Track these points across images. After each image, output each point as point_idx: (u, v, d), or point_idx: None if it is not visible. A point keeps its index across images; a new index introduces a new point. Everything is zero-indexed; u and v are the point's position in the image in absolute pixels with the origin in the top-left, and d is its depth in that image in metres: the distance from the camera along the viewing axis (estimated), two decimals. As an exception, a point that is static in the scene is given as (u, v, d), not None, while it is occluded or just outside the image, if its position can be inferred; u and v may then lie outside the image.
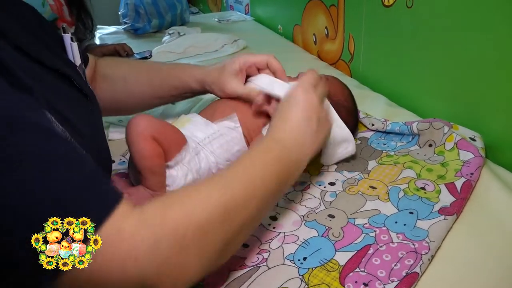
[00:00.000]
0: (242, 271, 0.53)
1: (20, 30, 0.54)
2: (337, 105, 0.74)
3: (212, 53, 1.47)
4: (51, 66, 0.53)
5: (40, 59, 0.52)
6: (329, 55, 1.33)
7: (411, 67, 0.93)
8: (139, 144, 0.59)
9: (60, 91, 0.53)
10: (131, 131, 0.60)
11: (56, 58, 0.57)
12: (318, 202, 0.65)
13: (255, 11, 2.02)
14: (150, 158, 0.60)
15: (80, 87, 0.57)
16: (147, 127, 0.60)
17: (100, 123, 0.61)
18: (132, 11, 1.81)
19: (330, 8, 1.26)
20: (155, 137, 0.59)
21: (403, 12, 0.91)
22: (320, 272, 0.52)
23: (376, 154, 0.76)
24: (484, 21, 0.71)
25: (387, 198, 0.64)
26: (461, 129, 0.75)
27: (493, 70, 0.71)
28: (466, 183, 0.64)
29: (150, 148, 0.59)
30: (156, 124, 0.61)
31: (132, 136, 0.59)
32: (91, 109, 0.58)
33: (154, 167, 0.60)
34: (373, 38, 1.07)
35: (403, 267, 0.51)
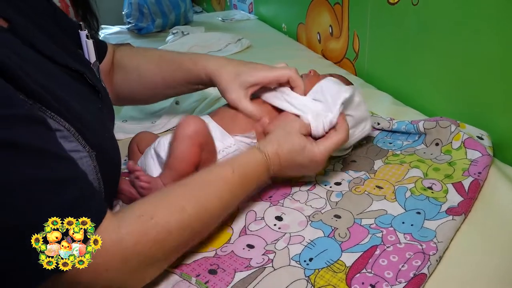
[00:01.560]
0: (247, 272, 0.52)
1: (32, 26, 0.55)
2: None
3: (216, 52, 1.46)
4: (63, 63, 0.54)
5: (53, 57, 0.53)
6: (334, 53, 1.32)
7: (416, 65, 0.92)
8: (186, 146, 0.59)
9: (70, 87, 0.53)
10: (183, 130, 0.60)
11: (68, 54, 0.58)
12: (324, 202, 0.64)
13: (259, 10, 2.01)
14: (189, 164, 0.60)
15: (93, 84, 0.57)
16: (199, 132, 0.60)
17: (109, 121, 0.61)
18: (136, 11, 1.81)
19: (334, 6, 1.25)
20: (202, 145, 0.60)
21: (408, 9, 0.90)
22: (327, 273, 0.51)
23: (382, 153, 0.75)
24: (490, 18, 0.70)
25: (393, 198, 0.63)
26: (468, 128, 0.74)
27: (500, 67, 0.70)
28: (474, 183, 0.63)
29: (194, 155, 0.60)
30: (207, 133, 0.62)
31: (182, 135, 0.59)
32: (100, 106, 0.58)
33: (187, 172, 0.60)
34: (378, 36, 1.06)
35: (410, 268, 0.50)
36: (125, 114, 0.99)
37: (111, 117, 0.64)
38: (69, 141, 0.46)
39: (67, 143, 0.46)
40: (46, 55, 0.52)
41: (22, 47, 0.49)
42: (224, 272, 0.52)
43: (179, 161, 0.59)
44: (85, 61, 0.63)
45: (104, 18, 1.67)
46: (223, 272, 0.52)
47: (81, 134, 0.47)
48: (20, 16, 0.53)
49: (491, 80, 0.73)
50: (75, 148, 0.47)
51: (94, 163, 0.49)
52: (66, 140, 0.46)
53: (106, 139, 0.54)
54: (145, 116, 0.97)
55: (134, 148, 0.70)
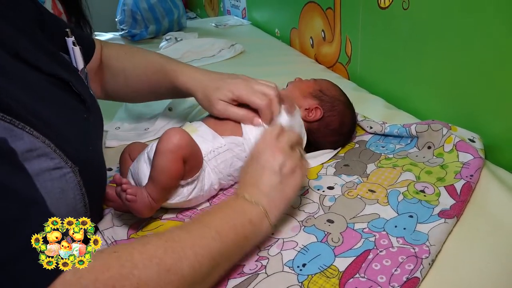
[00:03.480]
0: (240, 278, 0.52)
1: (20, 34, 0.54)
2: (333, 99, 0.77)
3: (209, 58, 1.47)
4: (49, 71, 0.54)
5: (39, 66, 0.52)
6: (327, 58, 1.32)
7: (408, 68, 0.93)
8: (168, 161, 0.58)
9: (54, 98, 0.53)
10: (165, 144, 0.58)
11: (57, 63, 0.58)
12: (317, 207, 0.64)
13: (252, 15, 2.02)
14: (171, 179, 0.59)
15: (78, 92, 0.57)
16: (182, 146, 0.59)
17: (95, 130, 0.61)
18: (129, 17, 1.81)
19: (326, 11, 1.26)
20: (185, 158, 0.59)
21: (399, 14, 0.91)
22: (320, 278, 0.51)
23: (375, 157, 0.75)
24: (481, 22, 0.71)
25: (386, 201, 0.63)
26: (460, 131, 0.74)
27: (491, 71, 0.71)
28: (466, 185, 0.63)
29: (176, 170, 0.59)
30: (190, 145, 0.60)
31: (163, 149, 0.58)
32: (85, 116, 0.58)
33: (170, 186, 0.60)
34: (370, 40, 1.07)
35: (403, 272, 0.50)
36: (118, 119, 0.99)
37: (99, 124, 0.64)
38: (51, 158, 0.46)
39: (48, 161, 0.45)
40: (32, 64, 0.52)
41: (6, 58, 0.49)
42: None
43: (161, 175, 0.58)
44: (72, 68, 0.63)
45: (97, 25, 1.66)
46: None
47: (62, 150, 0.47)
48: (8, 25, 0.53)
49: (482, 83, 0.73)
50: (58, 165, 0.46)
51: (78, 178, 0.49)
52: (48, 158, 0.45)
53: (90, 152, 0.54)
54: (138, 123, 0.97)
55: (126, 157, 0.70)
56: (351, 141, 0.82)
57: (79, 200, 0.50)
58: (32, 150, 0.44)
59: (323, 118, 0.75)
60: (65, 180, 0.47)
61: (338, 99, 0.78)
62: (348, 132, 0.80)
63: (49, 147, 0.45)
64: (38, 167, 0.45)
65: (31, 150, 0.44)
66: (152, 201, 0.59)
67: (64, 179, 0.47)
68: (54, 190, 0.47)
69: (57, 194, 0.47)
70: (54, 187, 0.47)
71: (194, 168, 0.62)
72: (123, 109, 1.04)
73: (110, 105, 1.09)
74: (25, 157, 0.43)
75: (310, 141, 0.76)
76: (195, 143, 0.62)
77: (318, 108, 0.75)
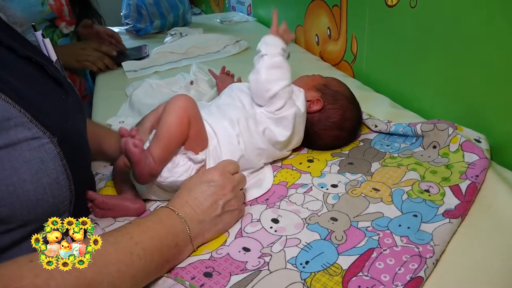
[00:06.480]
0: (243, 275, 0.52)
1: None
2: (336, 93, 0.78)
3: (214, 53, 1.46)
4: (24, 55, 0.55)
5: (13, 47, 0.54)
6: (332, 55, 1.32)
7: (414, 67, 0.92)
8: (175, 117, 0.61)
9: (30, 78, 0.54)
10: (172, 103, 0.62)
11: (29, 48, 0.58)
12: (320, 204, 0.64)
13: (257, 12, 2.01)
14: (176, 136, 0.61)
15: (54, 76, 0.58)
16: (189, 106, 0.63)
17: (74, 109, 0.60)
18: (134, 12, 1.81)
19: (333, 8, 1.25)
20: (190, 119, 0.62)
21: (406, 12, 0.90)
22: (323, 276, 0.51)
23: (380, 155, 0.75)
24: (488, 21, 0.70)
25: (390, 200, 0.63)
26: (466, 131, 0.74)
27: (497, 70, 0.70)
28: (471, 186, 0.63)
29: (180, 125, 0.61)
30: (195, 110, 0.64)
31: (171, 108, 0.62)
32: (64, 96, 0.58)
33: (172, 145, 0.62)
34: (376, 38, 1.06)
35: (407, 271, 0.50)
36: (122, 113, 0.99)
37: (78, 104, 0.64)
38: (28, 128, 0.47)
39: (26, 131, 0.46)
40: (7, 46, 0.53)
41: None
42: (219, 275, 0.52)
43: (167, 131, 0.61)
44: (46, 57, 0.64)
45: (102, 20, 1.67)
46: (219, 275, 0.52)
47: (39, 121, 0.48)
48: None
49: (489, 83, 0.73)
50: (36, 135, 0.47)
51: (58, 149, 0.49)
52: (25, 128, 0.46)
53: (69, 125, 0.55)
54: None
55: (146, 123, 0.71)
56: (356, 139, 0.81)
57: (60, 172, 0.50)
58: (9, 119, 0.45)
59: (324, 110, 0.76)
60: (44, 150, 0.48)
61: (342, 94, 0.78)
62: (352, 129, 0.79)
63: (25, 117, 0.46)
64: (16, 137, 0.46)
65: (8, 119, 0.45)
66: (152, 162, 0.59)
67: (43, 149, 0.48)
68: (33, 160, 0.48)
69: (37, 164, 0.48)
70: (34, 157, 0.48)
71: (197, 138, 0.64)
72: (127, 104, 1.04)
73: (113, 100, 1.09)
74: (3, 126, 0.45)
75: (310, 133, 0.77)
76: (199, 112, 0.65)
77: (319, 100, 0.77)
